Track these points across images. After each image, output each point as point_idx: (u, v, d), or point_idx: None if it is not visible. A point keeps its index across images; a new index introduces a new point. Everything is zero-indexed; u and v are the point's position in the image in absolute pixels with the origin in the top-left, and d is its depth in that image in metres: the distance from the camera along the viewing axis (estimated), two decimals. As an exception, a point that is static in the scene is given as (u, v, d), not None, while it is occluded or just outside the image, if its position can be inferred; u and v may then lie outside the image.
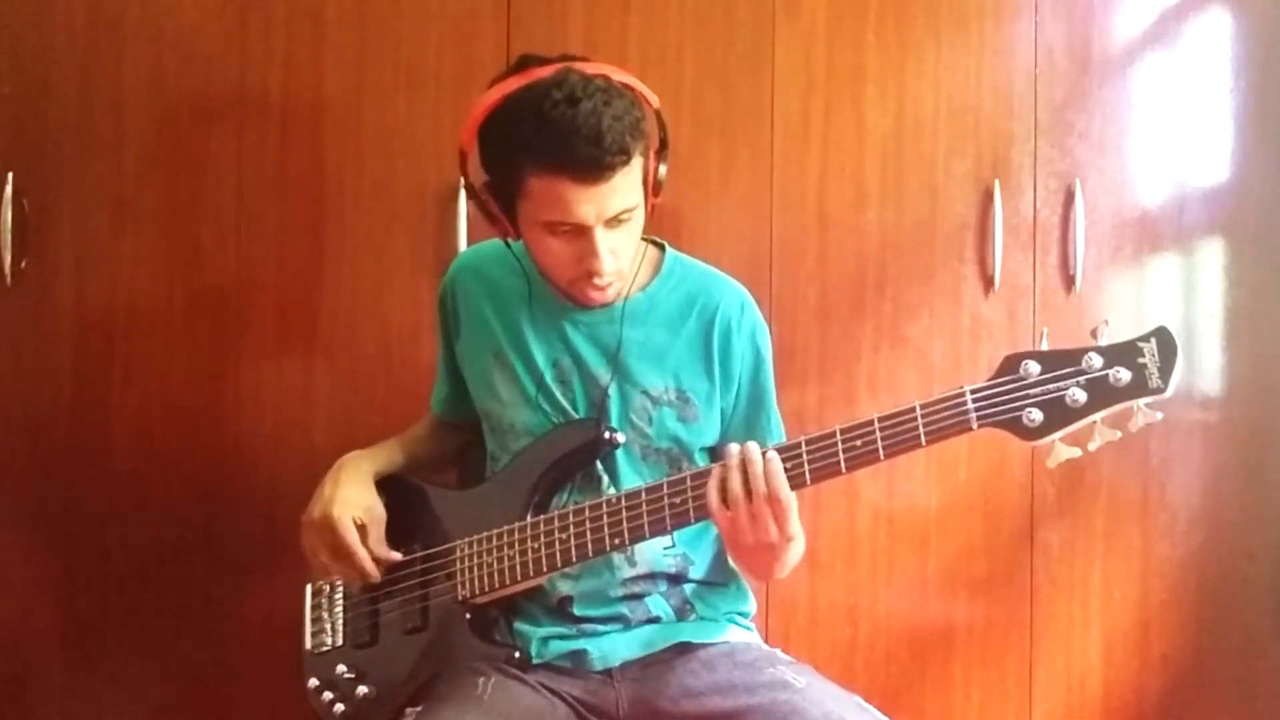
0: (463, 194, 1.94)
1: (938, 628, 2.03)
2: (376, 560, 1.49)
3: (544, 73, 1.36)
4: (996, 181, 2.01)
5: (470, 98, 1.93)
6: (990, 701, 2.03)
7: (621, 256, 1.43)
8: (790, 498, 1.28)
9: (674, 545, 1.51)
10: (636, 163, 1.37)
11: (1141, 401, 1.19)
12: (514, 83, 1.37)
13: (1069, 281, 2.01)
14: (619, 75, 1.39)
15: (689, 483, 1.34)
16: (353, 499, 1.50)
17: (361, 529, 1.49)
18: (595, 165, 1.33)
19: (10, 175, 1.96)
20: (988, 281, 2.01)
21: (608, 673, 1.48)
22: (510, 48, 1.97)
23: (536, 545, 1.42)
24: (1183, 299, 2.05)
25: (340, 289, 2.00)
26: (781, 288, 2.00)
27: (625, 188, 1.37)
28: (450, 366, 1.65)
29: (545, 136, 1.32)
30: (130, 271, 2.00)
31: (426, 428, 1.69)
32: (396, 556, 1.50)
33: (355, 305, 2.00)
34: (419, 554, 1.51)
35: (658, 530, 1.37)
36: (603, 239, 1.38)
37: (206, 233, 2.00)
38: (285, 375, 2.01)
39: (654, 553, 1.50)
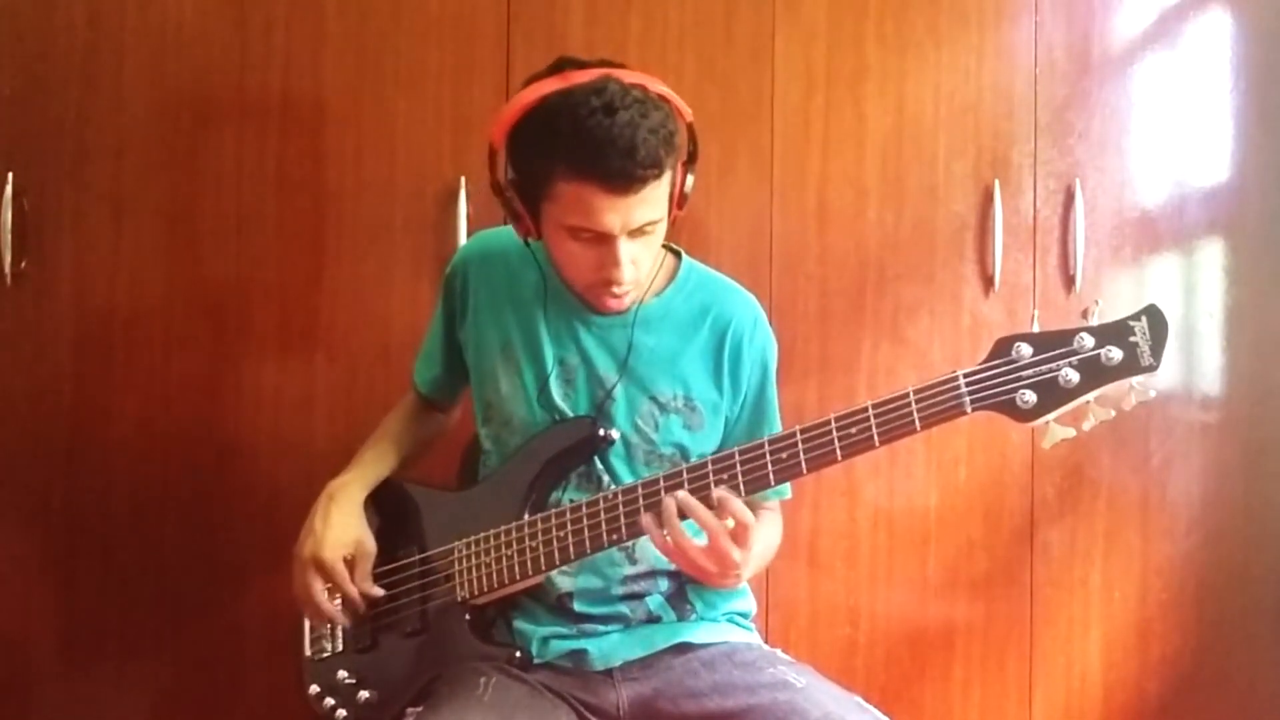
0: (463, 194, 1.95)
1: (938, 628, 2.03)
2: (361, 595, 1.49)
3: (582, 77, 1.35)
4: (996, 181, 2.01)
5: (470, 98, 1.98)
6: (990, 701, 2.03)
7: (641, 266, 1.43)
8: (751, 518, 1.30)
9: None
10: (667, 176, 1.38)
11: (1134, 379, 1.19)
12: (551, 84, 1.35)
13: (1069, 281, 2.01)
14: (656, 86, 1.38)
15: (685, 475, 1.34)
16: (341, 537, 1.49)
17: (348, 563, 1.49)
18: (627, 177, 1.32)
19: (10, 175, 1.96)
20: (988, 281, 2.01)
21: (608, 673, 1.48)
22: (510, 48, 1.98)
23: (535, 543, 1.42)
24: (1183, 299, 2.05)
25: (340, 289, 2.00)
26: (781, 288, 2.00)
27: (653, 200, 1.37)
28: (447, 347, 1.63)
29: (580, 143, 1.31)
30: (130, 271, 2.00)
31: (409, 413, 1.67)
32: (379, 593, 1.50)
33: (355, 305, 2.00)
34: (416, 557, 1.51)
35: None
36: (625, 249, 1.38)
37: (206, 233, 2.00)
38: (285, 375, 2.01)
39: (654, 550, 1.49)
